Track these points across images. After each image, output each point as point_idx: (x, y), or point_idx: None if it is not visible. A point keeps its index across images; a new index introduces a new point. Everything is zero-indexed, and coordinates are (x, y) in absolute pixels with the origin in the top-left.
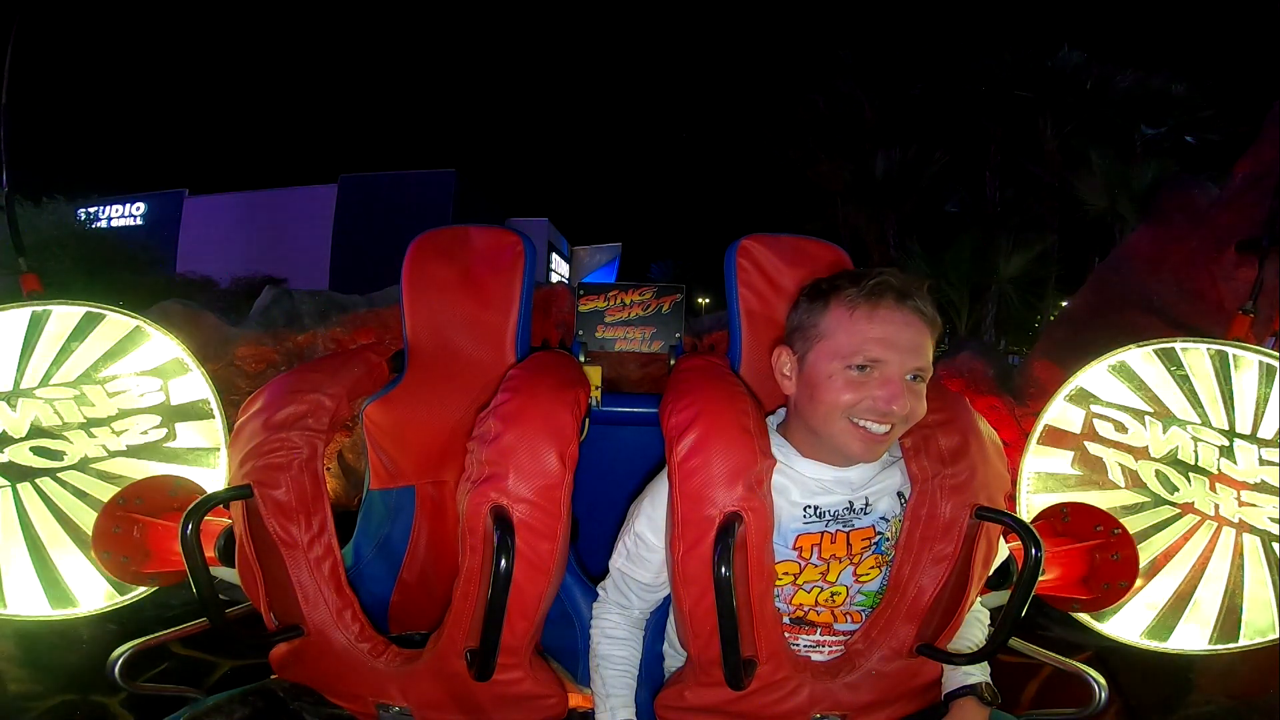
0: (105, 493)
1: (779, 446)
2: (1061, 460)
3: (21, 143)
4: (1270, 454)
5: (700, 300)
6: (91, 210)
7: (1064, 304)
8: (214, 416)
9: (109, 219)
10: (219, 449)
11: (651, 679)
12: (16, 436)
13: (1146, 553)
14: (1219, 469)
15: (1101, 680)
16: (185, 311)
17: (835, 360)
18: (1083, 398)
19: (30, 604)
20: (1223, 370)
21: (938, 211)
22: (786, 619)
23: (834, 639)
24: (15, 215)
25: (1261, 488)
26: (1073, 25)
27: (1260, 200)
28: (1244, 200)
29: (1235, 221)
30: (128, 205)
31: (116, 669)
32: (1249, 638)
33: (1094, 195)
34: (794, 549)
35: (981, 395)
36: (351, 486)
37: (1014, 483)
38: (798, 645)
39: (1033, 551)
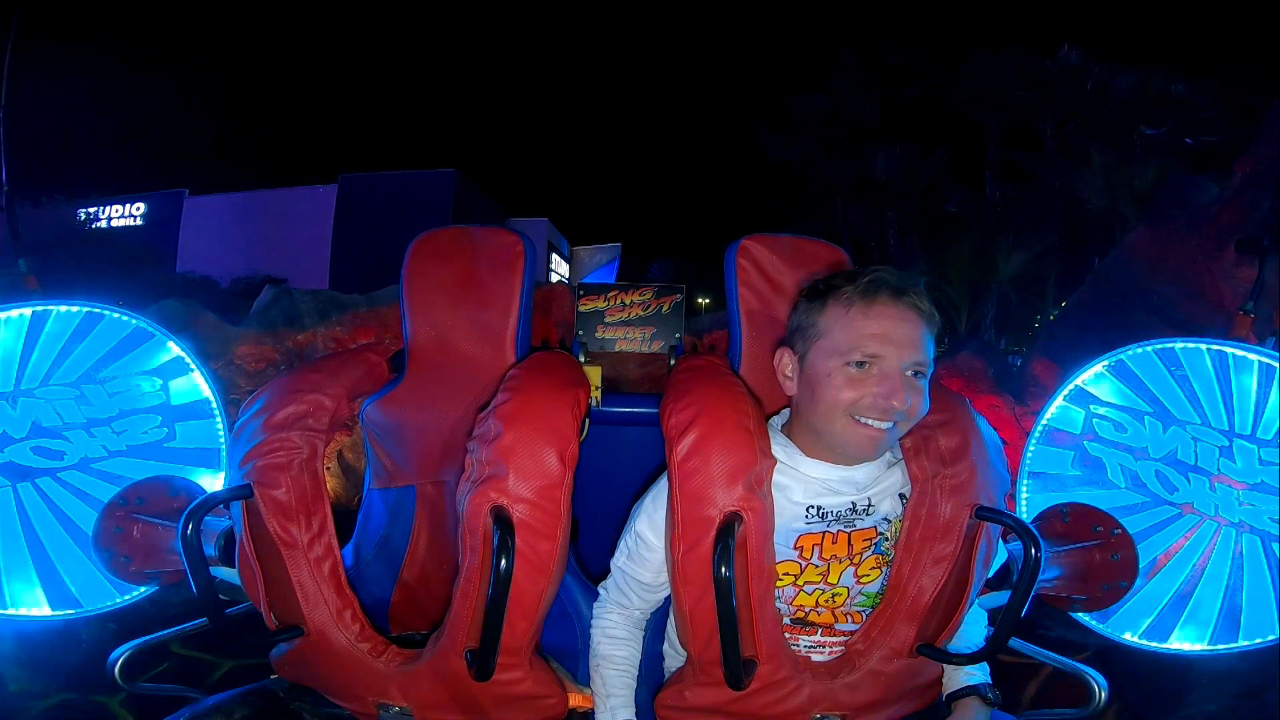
0: (105, 493)
1: (783, 446)
2: (1061, 460)
3: (21, 142)
4: (1270, 454)
5: (700, 300)
6: (91, 210)
7: (1064, 304)
8: (214, 416)
9: (109, 219)
10: (219, 449)
11: (651, 679)
12: (16, 436)
13: (1146, 553)
14: (1219, 469)
15: (1101, 680)
16: (180, 308)
17: (834, 358)
18: (1083, 398)
19: (30, 604)
20: (1223, 370)
21: (938, 211)
22: (787, 619)
23: (835, 639)
24: (15, 216)
25: (1261, 488)
26: (1072, 25)
27: (1260, 199)
28: (1244, 199)
29: (1235, 220)
30: (128, 205)
31: (116, 669)
32: (1249, 638)
33: (1094, 194)
34: (794, 549)
35: (982, 394)
36: (351, 486)
37: (1014, 482)
38: (798, 646)
39: (1033, 551)
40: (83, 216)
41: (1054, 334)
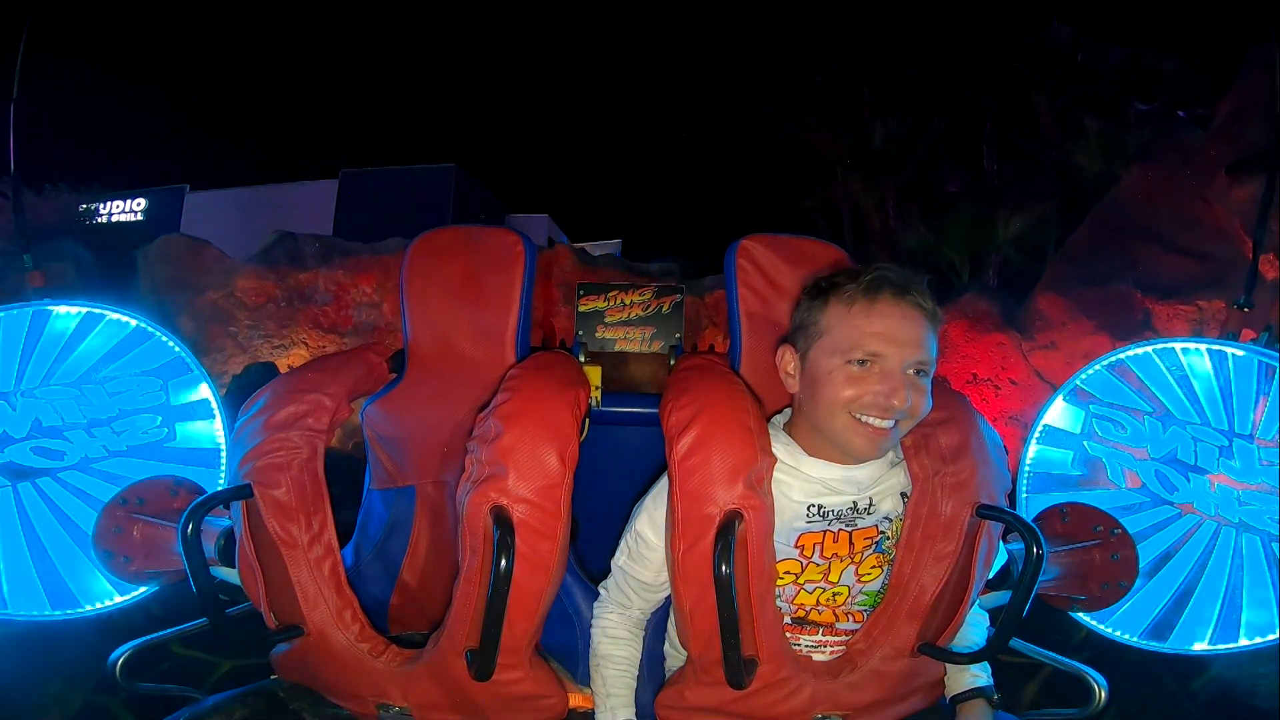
0: (105, 493)
1: (785, 445)
2: (1061, 460)
3: (25, 129)
4: (1270, 454)
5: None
6: (92, 206)
7: (1065, 241)
8: (214, 416)
9: (110, 214)
10: (219, 449)
11: (652, 679)
12: (17, 436)
13: (1146, 553)
14: (1219, 469)
15: (1101, 680)
16: (187, 241)
17: (835, 356)
18: (1083, 397)
19: (30, 604)
20: (1222, 370)
21: (936, 181)
22: (788, 619)
23: (836, 639)
24: (24, 210)
25: (1261, 488)
26: (1061, 5)
27: (1244, 132)
28: (1228, 133)
29: (1222, 152)
30: (129, 201)
31: (116, 669)
32: (1249, 638)
33: (1090, 159)
34: (795, 547)
35: (987, 333)
36: (344, 435)
37: (1014, 481)
38: (799, 645)
39: (1035, 550)
40: (83, 210)
41: (1057, 270)
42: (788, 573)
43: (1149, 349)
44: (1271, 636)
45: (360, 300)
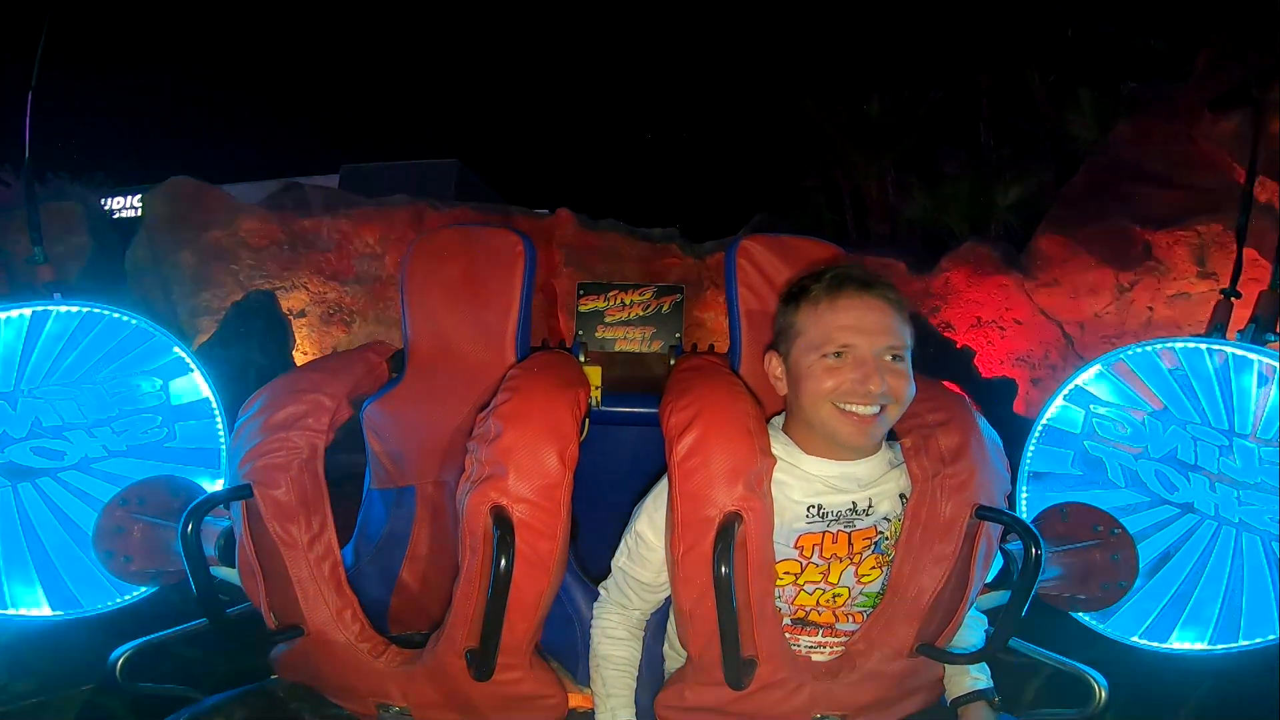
0: (105, 493)
1: (784, 445)
2: (1061, 460)
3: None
4: (1270, 454)
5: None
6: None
7: (1061, 189)
8: (214, 416)
9: (110, 211)
10: (219, 449)
11: (652, 679)
12: (16, 436)
13: (1146, 553)
14: (1219, 469)
15: (1101, 680)
16: (193, 183)
17: (812, 352)
18: (1083, 397)
19: (30, 604)
20: (1222, 370)
21: (934, 159)
22: (788, 619)
23: (836, 640)
24: (36, 200)
25: (1261, 488)
26: None
27: (1221, 77)
28: (1207, 78)
29: (1205, 96)
30: (129, 197)
31: (116, 669)
32: (1249, 638)
33: (1084, 129)
34: (795, 548)
35: (989, 276)
36: None
37: (1013, 481)
38: (799, 646)
39: (1034, 551)
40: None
41: (1057, 214)
42: (787, 573)
43: (1149, 349)
44: (1271, 636)
45: (363, 250)
